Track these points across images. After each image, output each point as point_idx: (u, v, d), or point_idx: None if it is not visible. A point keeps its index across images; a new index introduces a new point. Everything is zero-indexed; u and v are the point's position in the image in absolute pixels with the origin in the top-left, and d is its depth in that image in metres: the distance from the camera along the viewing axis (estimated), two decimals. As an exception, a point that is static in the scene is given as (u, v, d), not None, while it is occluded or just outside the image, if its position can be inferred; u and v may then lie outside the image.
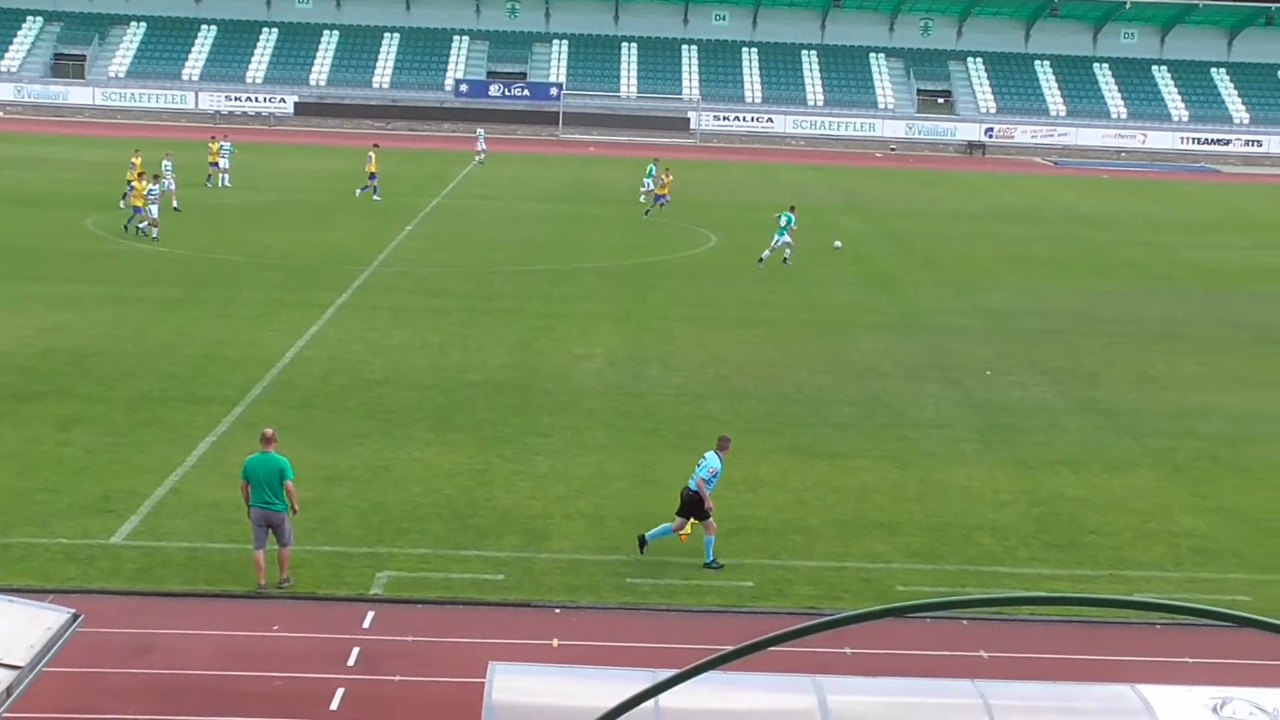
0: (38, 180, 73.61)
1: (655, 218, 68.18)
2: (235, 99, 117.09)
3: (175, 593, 23.32)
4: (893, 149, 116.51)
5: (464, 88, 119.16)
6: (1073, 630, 23.55)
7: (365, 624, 22.43)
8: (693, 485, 25.44)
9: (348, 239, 58.05)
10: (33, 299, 44.38)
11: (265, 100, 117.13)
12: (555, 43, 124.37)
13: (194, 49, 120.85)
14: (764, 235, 64.15)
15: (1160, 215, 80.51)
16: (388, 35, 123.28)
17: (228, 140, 77.22)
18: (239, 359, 38.15)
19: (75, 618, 14.34)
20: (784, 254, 56.74)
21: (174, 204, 63.52)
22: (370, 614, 22.81)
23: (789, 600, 24.15)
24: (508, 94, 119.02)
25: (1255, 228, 76.37)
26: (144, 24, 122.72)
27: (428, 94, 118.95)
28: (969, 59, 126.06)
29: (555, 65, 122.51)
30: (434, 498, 28.11)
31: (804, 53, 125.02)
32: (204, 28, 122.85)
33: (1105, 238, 69.20)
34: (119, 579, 23.73)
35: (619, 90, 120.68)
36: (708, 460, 25.67)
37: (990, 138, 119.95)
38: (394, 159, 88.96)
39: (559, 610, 23.35)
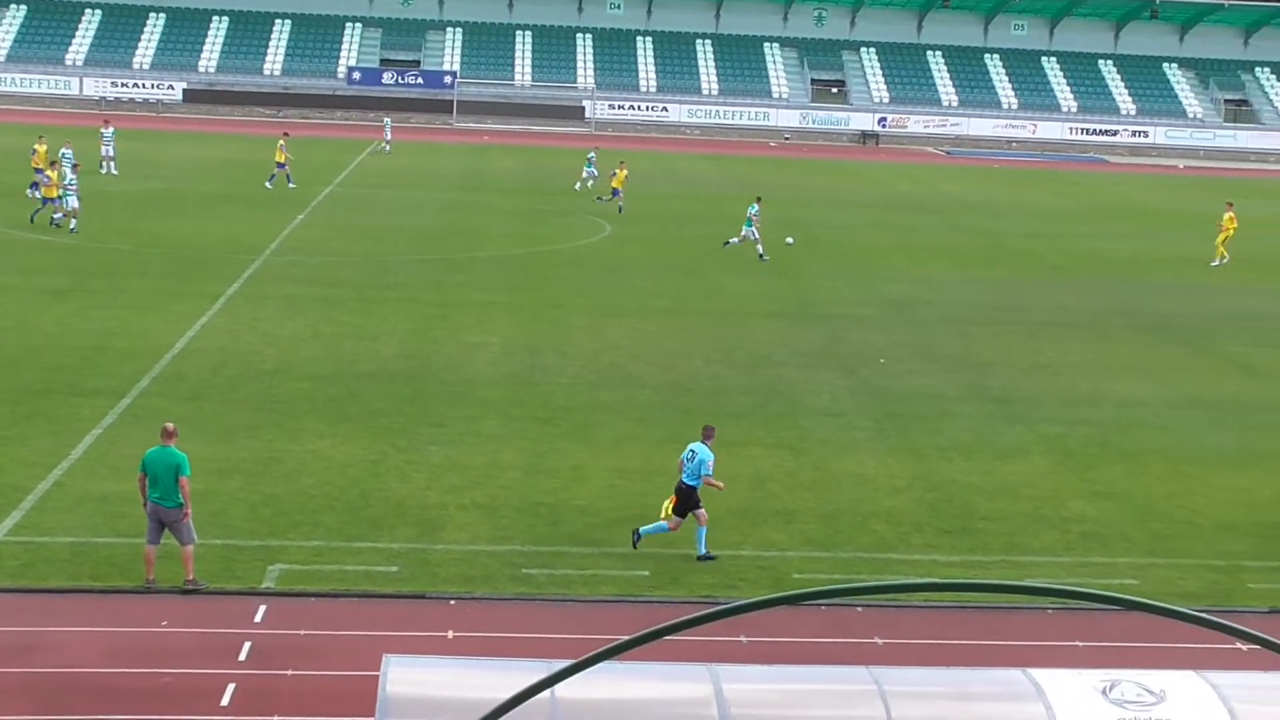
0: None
1: (608, 206, 67.50)
2: (122, 85, 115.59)
3: (59, 589, 22.84)
4: (787, 138, 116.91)
5: (357, 75, 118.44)
6: (966, 616, 23.69)
7: (257, 618, 22.19)
8: (689, 481, 25.34)
9: (239, 228, 57.49)
10: (-84, 289, 43.67)
11: (153, 87, 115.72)
12: (449, 30, 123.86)
13: (78, 33, 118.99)
14: (658, 224, 64.23)
15: (1050, 205, 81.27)
16: (279, 22, 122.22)
17: (109, 127, 75.95)
18: (127, 350, 37.66)
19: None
20: (756, 248, 56.66)
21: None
22: (262, 608, 22.56)
23: (685, 589, 24.13)
24: (401, 82, 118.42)
25: (1143, 217, 77.26)
26: (24, 6, 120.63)
27: (320, 82, 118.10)
28: (862, 49, 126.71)
29: (449, 53, 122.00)
30: (327, 489, 27.87)
31: (699, 42, 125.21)
32: (88, 11, 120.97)
33: (997, 227, 69.76)
34: (0, 576, 23.31)
35: (513, 79, 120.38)
36: (700, 454, 25.54)
37: (883, 127, 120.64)
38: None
39: (454, 602, 23.21)
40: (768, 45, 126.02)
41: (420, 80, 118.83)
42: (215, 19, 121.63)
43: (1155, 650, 21.44)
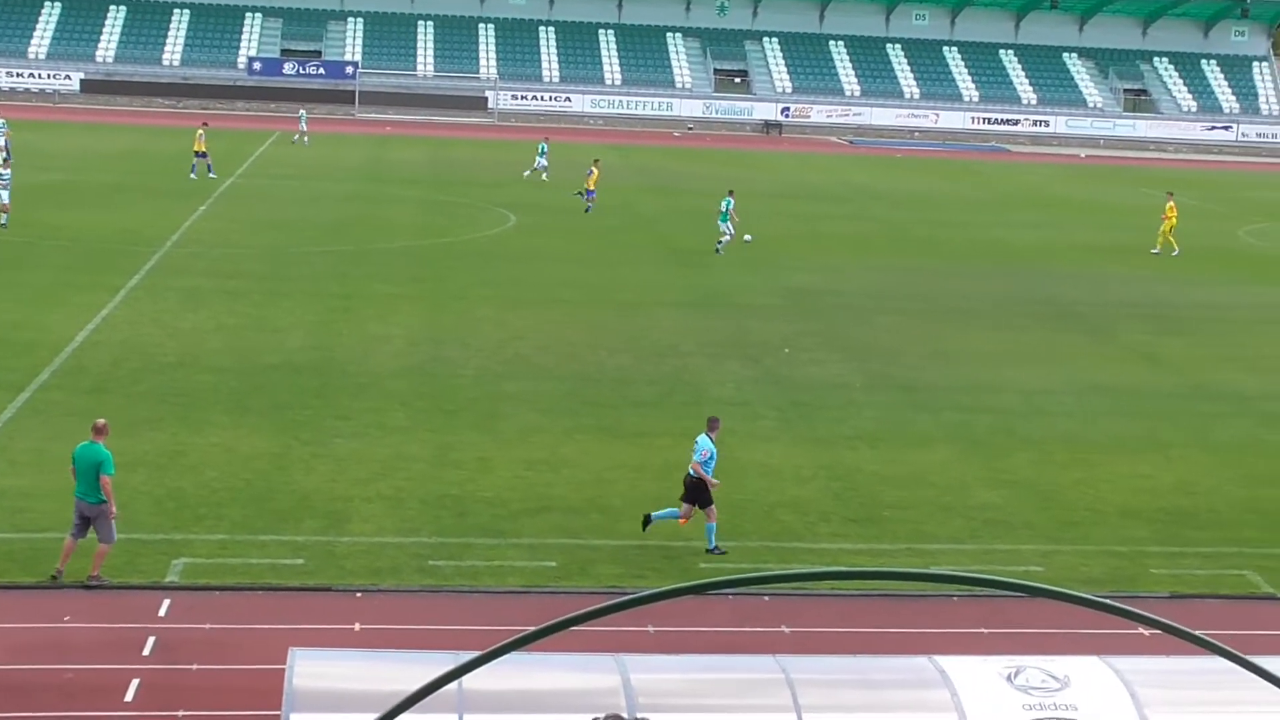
0: None
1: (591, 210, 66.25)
2: (16, 75, 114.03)
3: (-42, 585, 22.64)
4: (690, 128, 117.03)
5: (257, 66, 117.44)
6: (872, 604, 23.82)
7: (161, 612, 22.01)
8: (692, 471, 25.43)
9: (139, 220, 56.92)
10: None
11: (49, 77, 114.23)
12: (350, 20, 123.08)
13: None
14: (562, 216, 64.14)
15: (953, 193, 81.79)
16: (177, 11, 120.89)
17: (1, 118, 74.89)
18: (26, 343, 37.20)
19: None
20: (720, 240, 56.66)
21: None
22: (166, 602, 22.39)
23: (592, 579, 24.14)
24: (302, 72, 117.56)
25: (1044, 205, 77.87)
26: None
27: (220, 72, 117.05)
28: (765, 39, 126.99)
29: (351, 43, 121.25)
30: (231, 482, 27.68)
31: (601, 32, 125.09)
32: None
33: (901, 216, 70.13)
34: (-101, 572, 23.01)
35: (415, 69, 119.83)
36: (700, 443, 25.67)
37: (786, 117, 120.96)
38: (185, 138, 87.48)
39: (360, 594, 23.12)
40: (670, 35, 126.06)
41: (322, 71, 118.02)
42: (113, 8, 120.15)
43: (1060, 636, 21.63)
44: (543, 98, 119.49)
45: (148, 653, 20.67)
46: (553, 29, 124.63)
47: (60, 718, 18.92)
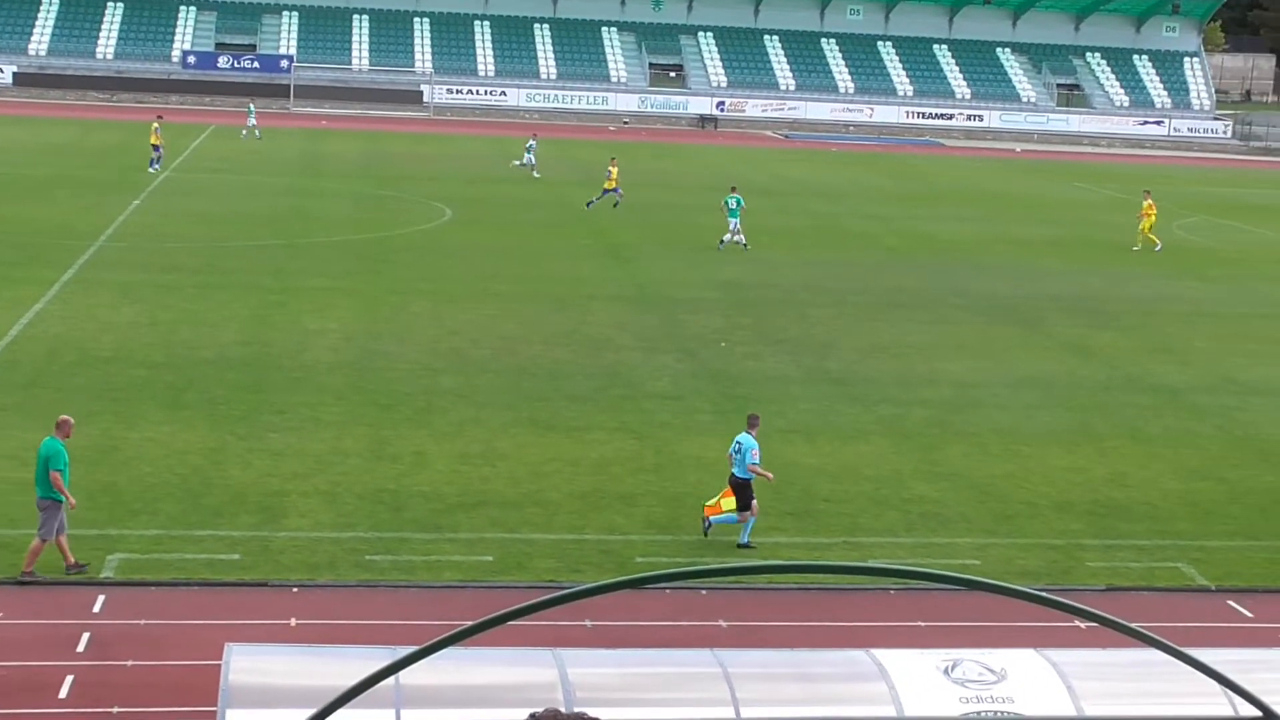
0: None
1: (609, 209, 65.16)
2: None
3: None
4: (626, 123, 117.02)
5: (192, 59, 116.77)
6: (809, 597, 23.91)
7: (95, 608, 21.90)
8: (739, 474, 25.66)
9: (72, 213, 56.52)
10: None
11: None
12: (285, 14, 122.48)
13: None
14: (498, 208, 64.04)
15: (888, 188, 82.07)
16: (111, 4, 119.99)
17: None
18: (-42, 338, 36.94)
19: None
20: (724, 237, 56.70)
21: None
22: (101, 598, 22.28)
23: (529, 574, 24.15)
24: (237, 66, 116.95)
25: (978, 200, 78.22)
26: None
27: (154, 65, 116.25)
28: (699, 34, 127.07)
29: (285, 37, 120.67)
30: (166, 477, 27.54)
31: (536, 26, 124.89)
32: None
33: (835, 210, 70.33)
34: None
35: (350, 63, 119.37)
36: (746, 443, 25.88)
37: (722, 111, 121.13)
38: (119, 131, 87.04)
39: (297, 589, 23.05)
40: (605, 30, 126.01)
41: (256, 64, 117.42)
42: (46, 0, 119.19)
43: (996, 629, 21.75)
44: (478, 92, 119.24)
45: (82, 649, 20.56)
46: (488, 23, 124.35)
47: (-7, 715, 18.80)
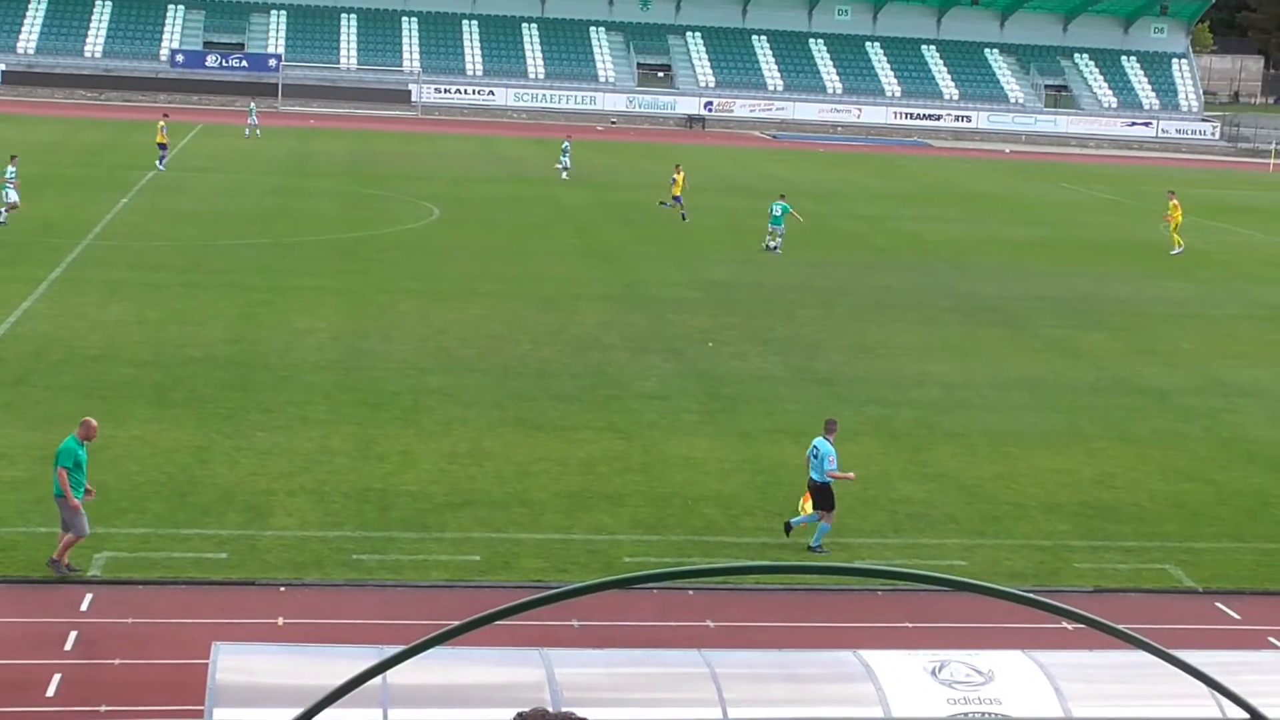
0: None
1: (679, 217, 64.08)
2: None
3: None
4: (614, 122, 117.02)
5: (180, 58, 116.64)
6: (796, 598, 23.92)
7: (83, 607, 21.88)
8: (816, 478, 25.90)
9: (60, 212, 56.45)
10: None
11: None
12: (273, 13, 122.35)
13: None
14: (486, 208, 64.04)
15: (876, 188, 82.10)
16: (99, 3, 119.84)
17: None
18: (-55, 336, 36.89)
19: None
20: (769, 243, 56.94)
21: None
22: (88, 596, 22.26)
23: (516, 574, 24.14)
24: (225, 65, 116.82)
25: (965, 200, 78.29)
26: None
27: (142, 64, 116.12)
28: (688, 34, 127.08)
29: (274, 36, 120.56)
30: (153, 475, 27.52)
31: (524, 25, 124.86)
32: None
33: (823, 210, 70.25)
34: None
35: (339, 62, 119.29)
36: (823, 449, 26.05)
37: (710, 112, 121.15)
38: (107, 130, 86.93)
39: (284, 588, 23.04)
40: (594, 29, 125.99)
41: (244, 63, 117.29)
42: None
43: (984, 630, 21.76)
44: (466, 91, 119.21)
45: (69, 648, 20.54)
46: (476, 22, 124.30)
47: (-20, 714, 18.79)
